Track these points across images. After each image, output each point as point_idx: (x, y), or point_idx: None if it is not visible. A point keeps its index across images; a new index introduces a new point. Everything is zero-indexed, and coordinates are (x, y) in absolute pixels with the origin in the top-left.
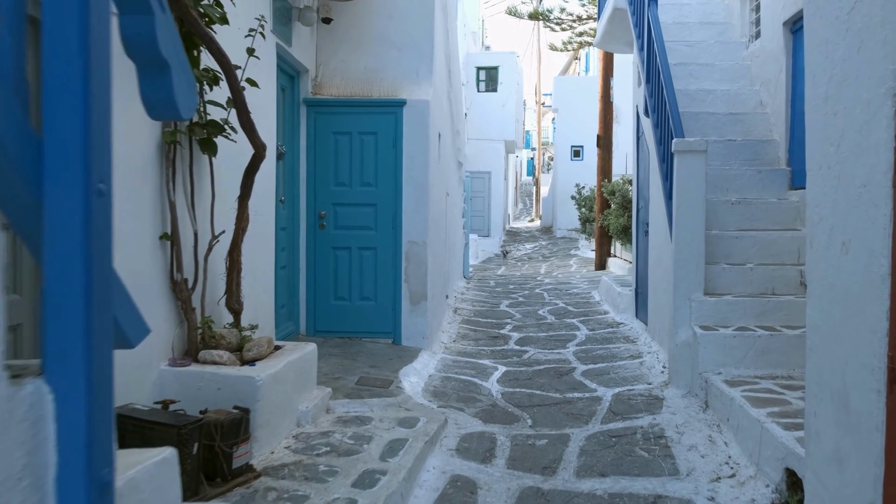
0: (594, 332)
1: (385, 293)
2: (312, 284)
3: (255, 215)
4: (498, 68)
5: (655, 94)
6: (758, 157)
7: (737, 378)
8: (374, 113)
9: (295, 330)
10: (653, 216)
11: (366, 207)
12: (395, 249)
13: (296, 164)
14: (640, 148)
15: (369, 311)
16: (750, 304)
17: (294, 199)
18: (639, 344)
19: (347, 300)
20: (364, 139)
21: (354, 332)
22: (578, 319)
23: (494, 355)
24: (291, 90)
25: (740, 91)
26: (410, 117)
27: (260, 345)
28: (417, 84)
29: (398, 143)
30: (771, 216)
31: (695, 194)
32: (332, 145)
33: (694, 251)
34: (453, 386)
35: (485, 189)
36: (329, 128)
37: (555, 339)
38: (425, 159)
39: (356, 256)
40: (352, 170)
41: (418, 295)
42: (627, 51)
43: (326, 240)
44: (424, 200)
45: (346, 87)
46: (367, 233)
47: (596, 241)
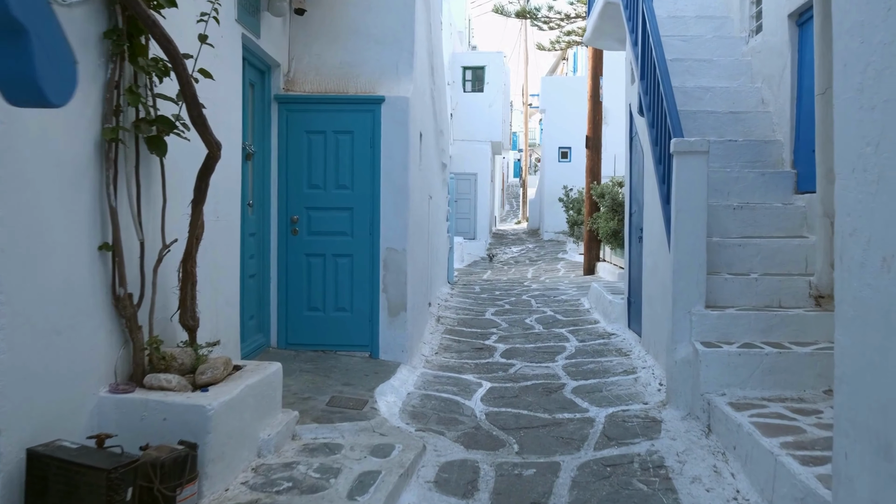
0: (584, 343)
1: (362, 303)
2: (284, 294)
3: (217, 221)
4: (484, 68)
5: (651, 92)
6: (760, 159)
7: (742, 400)
8: (350, 110)
9: (265, 343)
10: (647, 221)
11: (341, 212)
12: (372, 257)
13: (266, 166)
14: (634, 149)
15: (345, 323)
16: (755, 319)
17: (264, 202)
18: (632, 357)
19: (321, 311)
20: (339, 139)
21: (329, 346)
22: (567, 329)
23: (479, 369)
24: (261, 86)
25: (740, 88)
26: (389, 115)
27: (215, 366)
28: (397, 80)
29: (376, 143)
30: (776, 222)
31: (696, 199)
32: (305, 145)
33: (694, 260)
34: (434, 405)
35: (471, 191)
36: (302, 126)
37: (543, 352)
38: (405, 160)
39: (331, 264)
40: (326, 171)
41: (397, 305)
42: (619, 48)
43: (299, 246)
44: (404, 204)
45: (321, 82)
46: (343, 239)
47: (584, 245)
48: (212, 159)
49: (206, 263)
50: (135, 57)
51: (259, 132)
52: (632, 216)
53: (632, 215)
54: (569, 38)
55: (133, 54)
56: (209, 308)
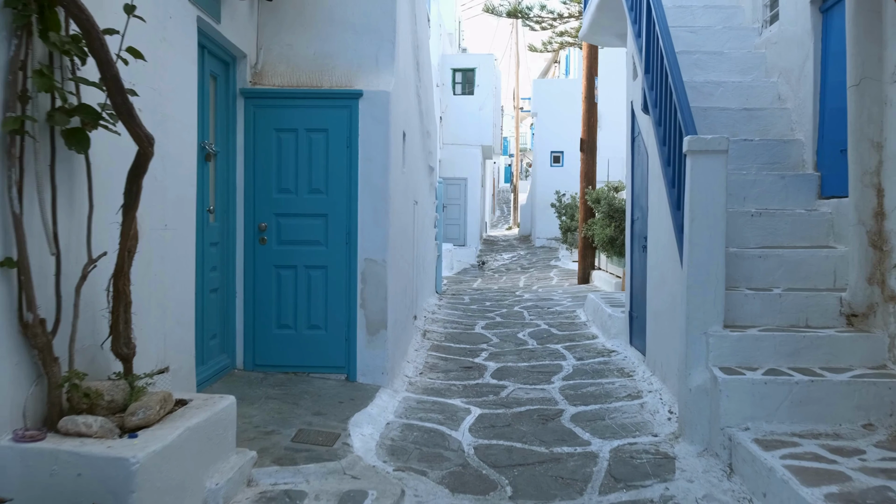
0: (583, 361)
1: (337, 321)
2: (251, 310)
3: (165, 230)
4: (475, 70)
5: (658, 86)
6: (778, 160)
7: (770, 436)
8: (324, 106)
9: (230, 364)
10: (652, 229)
11: (315, 219)
12: (349, 269)
13: (231, 167)
14: (636, 150)
15: (318, 342)
16: (781, 341)
17: (228, 208)
18: (636, 379)
19: (293, 329)
20: (313, 137)
21: (301, 367)
22: (564, 345)
23: (467, 392)
24: (225, 79)
25: (754, 83)
26: (368, 112)
27: (149, 405)
28: (377, 73)
29: (353, 143)
30: (799, 230)
31: (713, 205)
32: (274, 144)
33: (712, 275)
34: (416, 438)
35: (460, 196)
36: (271, 123)
37: (538, 372)
38: (385, 162)
39: (303, 277)
40: (298, 174)
41: (377, 323)
42: (617, 44)
43: (268, 257)
44: (384, 211)
45: (292, 75)
46: (316, 249)
47: (579, 252)
48: (143, 157)
49: (150, 279)
50: (46, 31)
51: (222, 130)
52: (634, 223)
53: (634, 222)
54: (561, 38)
55: (44, 28)
56: (156, 330)
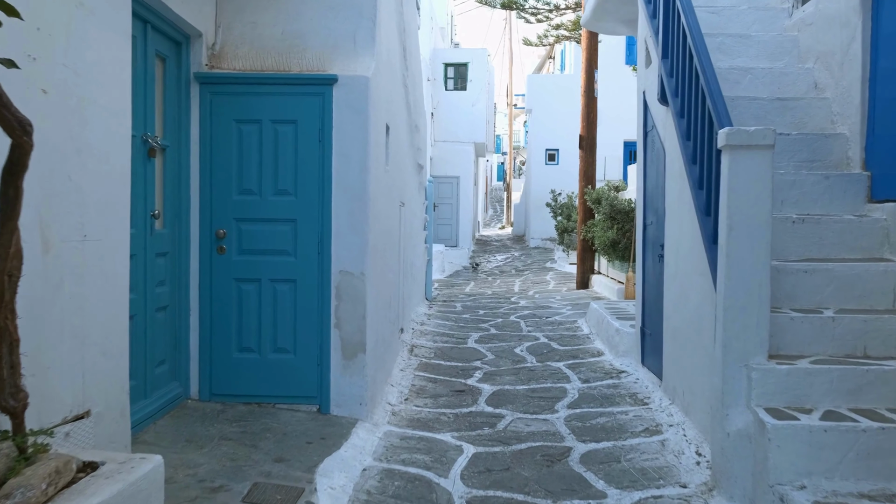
0: (589, 384)
1: (308, 343)
2: (208, 331)
3: (84, 242)
4: (468, 65)
5: (680, 72)
6: (818, 158)
7: (834, 498)
8: (293, 94)
9: (182, 394)
10: (671, 237)
11: (281, 224)
12: (321, 283)
13: (183, 165)
14: (649, 146)
15: (286, 368)
16: (839, 376)
17: (181, 213)
18: (653, 408)
19: (256, 352)
20: (279, 130)
21: (266, 397)
22: (566, 363)
23: (459, 424)
24: (176, 61)
25: (786, 70)
26: (344, 100)
27: (30, 484)
28: (354, 55)
29: (326, 136)
30: (848, 240)
31: (756, 211)
32: (234, 138)
33: (755, 295)
34: (397, 489)
35: (452, 195)
36: (231, 114)
37: (539, 397)
38: (364, 159)
39: (268, 292)
40: (262, 173)
41: (354, 345)
42: (623, 31)
43: (227, 269)
44: (363, 215)
45: (256, 58)
46: (283, 260)
47: (577, 255)
48: (19, 150)
49: (62, 304)
50: None
51: (173, 121)
52: (646, 228)
53: (646, 227)
54: (557, 31)
55: None
56: (70, 366)
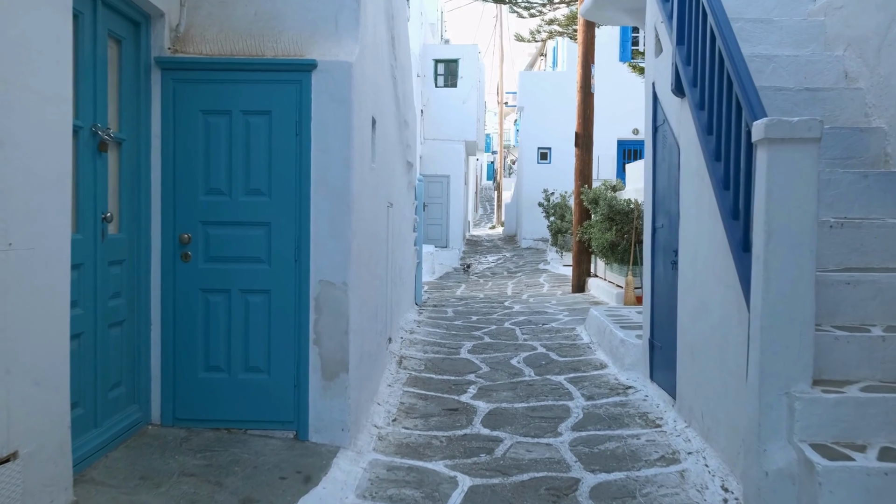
0: (594, 402)
1: (283, 361)
2: (171, 348)
3: (8, 252)
4: (458, 61)
5: (699, 59)
6: (853, 154)
7: None
8: (267, 81)
9: (142, 419)
10: (687, 241)
11: (254, 228)
12: (298, 294)
13: (142, 160)
14: (659, 142)
15: (259, 390)
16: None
17: (140, 215)
18: (667, 431)
19: (225, 372)
20: (252, 122)
21: (236, 422)
22: (567, 377)
23: (453, 449)
24: (134, 43)
25: (814, 58)
26: (324, 88)
27: None
28: (336, 39)
29: (304, 129)
30: (892, 247)
31: (800, 215)
32: (201, 131)
33: (798, 312)
34: None
35: (443, 195)
36: (197, 103)
37: (539, 416)
38: (347, 154)
39: (239, 304)
40: (232, 170)
41: (335, 364)
42: (625, 20)
43: (192, 278)
44: (345, 218)
45: (226, 41)
46: (256, 268)
47: (573, 257)
48: None
49: None
50: None
51: (130, 111)
52: (656, 232)
53: (656, 231)
54: (550, 27)
55: None
56: None
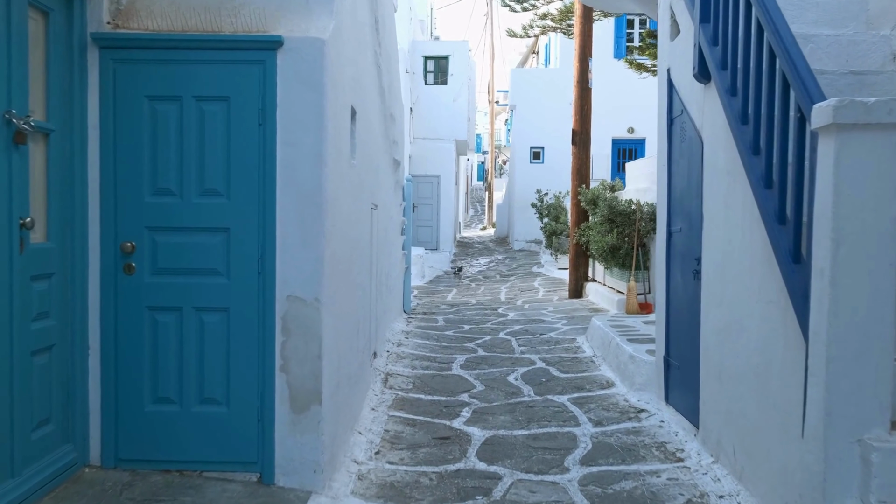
0: (603, 428)
1: (245, 392)
2: (112, 376)
3: None
4: (448, 58)
5: (731, 37)
6: None
7: None
8: (225, 61)
9: (78, 460)
10: (714, 248)
11: (210, 235)
12: (262, 312)
13: (76, 155)
14: (676, 135)
15: (217, 425)
16: None
17: (72, 219)
18: (690, 466)
19: (177, 404)
20: (207, 110)
21: (190, 462)
22: (571, 397)
23: (444, 490)
24: (66, 17)
25: (857, 38)
26: (292, 71)
27: None
28: (307, 13)
29: (269, 119)
30: None
31: (877, 219)
32: (147, 121)
33: (873, 340)
34: None
35: (433, 195)
36: (142, 88)
37: (543, 447)
38: (319, 149)
39: (192, 325)
40: (184, 166)
41: (306, 394)
42: (628, 6)
43: (137, 294)
44: (318, 222)
45: (177, 15)
46: (213, 282)
47: (570, 261)
48: None
49: None
50: None
51: (60, 97)
52: (672, 236)
53: (671, 235)
54: (543, 21)
55: None
56: None
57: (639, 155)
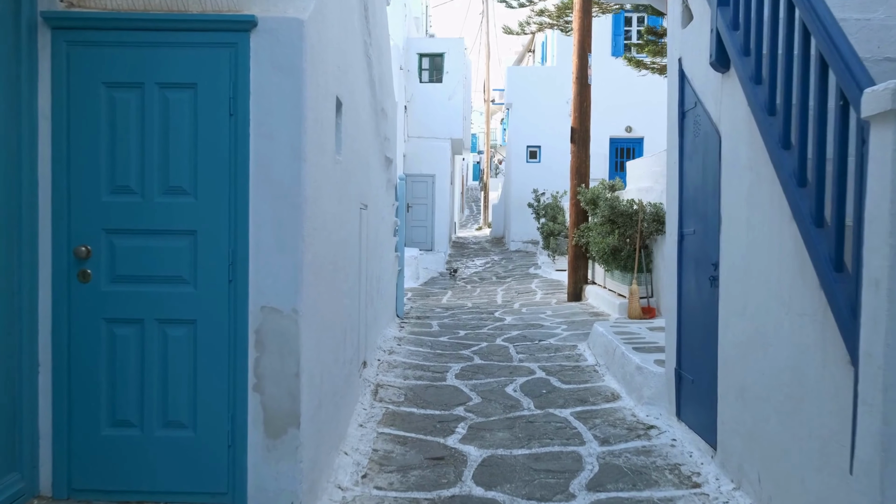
0: (610, 447)
1: (214, 414)
2: (65, 397)
3: None
4: (443, 55)
5: (755, 19)
6: None
7: None
8: (191, 44)
9: (26, 490)
10: (734, 253)
11: (175, 238)
12: (234, 325)
13: (23, 149)
14: (688, 130)
15: (182, 451)
16: None
17: (19, 221)
18: (709, 493)
19: (138, 427)
20: (171, 99)
21: (152, 493)
22: (574, 411)
23: None
24: None
25: (888, 23)
26: (267, 55)
27: None
28: None
29: (241, 109)
30: None
31: None
32: (104, 110)
33: None
34: None
35: (428, 195)
36: (99, 73)
37: (545, 469)
38: (298, 142)
39: (155, 339)
40: (146, 162)
41: (282, 416)
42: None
43: (93, 304)
44: (296, 224)
45: None
46: (178, 291)
47: (569, 262)
48: None
49: None
50: None
51: (5, 82)
52: (684, 239)
53: (684, 237)
54: (540, 18)
55: None
56: None
57: (637, 154)
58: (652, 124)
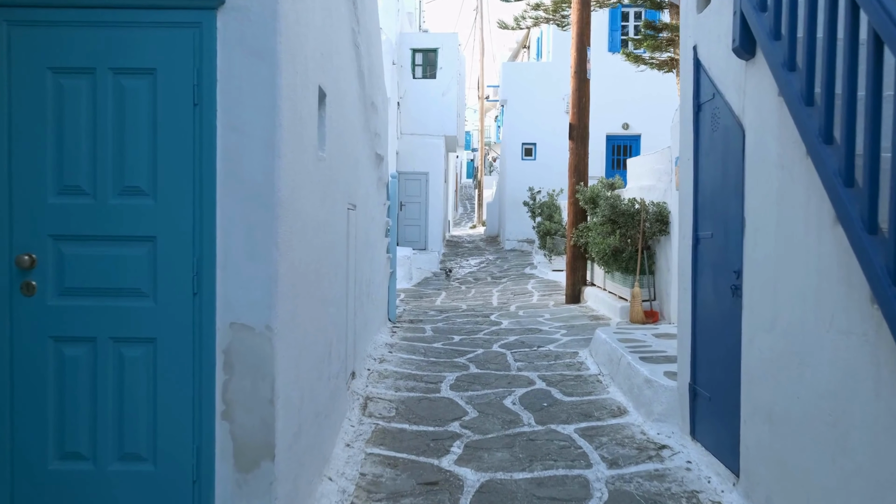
0: (620, 470)
1: (176, 445)
2: (7, 425)
3: None
4: (437, 51)
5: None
6: None
7: None
8: (149, 24)
9: None
10: (761, 260)
11: (131, 245)
12: (199, 344)
13: None
14: (704, 124)
15: (141, 487)
16: None
17: None
18: None
19: (90, 461)
20: (127, 86)
21: None
22: (578, 427)
23: None
24: None
25: None
26: (236, 36)
27: None
28: None
29: (206, 97)
30: None
31: None
32: (50, 99)
33: None
34: None
35: (421, 193)
36: (43, 58)
37: (550, 498)
38: (271, 136)
39: (109, 360)
40: (98, 158)
41: (254, 448)
42: None
43: (39, 321)
44: (269, 229)
45: None
46: (135, 306)
47: (567, 263)
48: None
49: None
50: None
51: None
52: (699, 243)
53: (699, 241)
54: (536, 13)
55: None
56: None
57: (634, 152)
58: (649, 121)
